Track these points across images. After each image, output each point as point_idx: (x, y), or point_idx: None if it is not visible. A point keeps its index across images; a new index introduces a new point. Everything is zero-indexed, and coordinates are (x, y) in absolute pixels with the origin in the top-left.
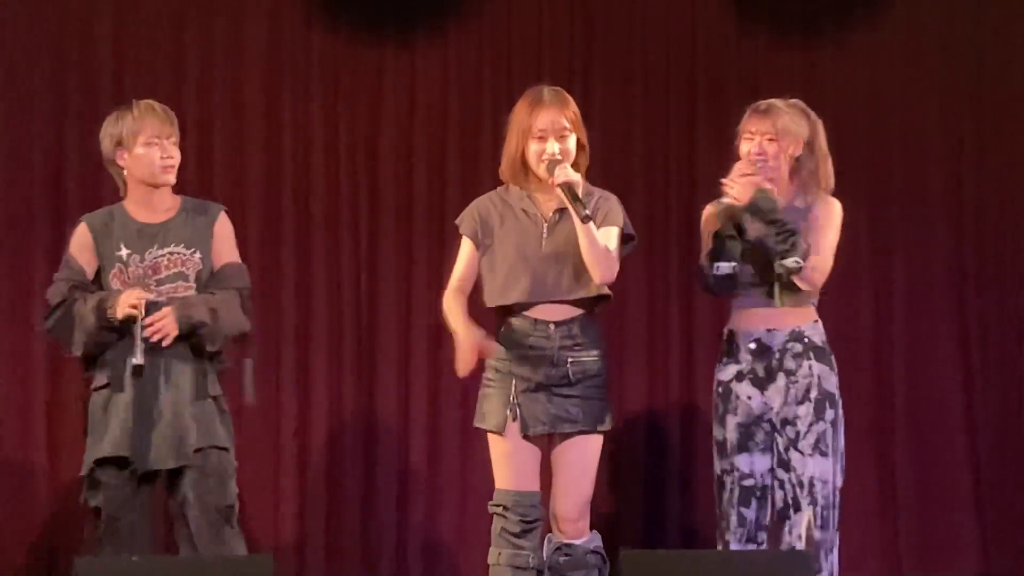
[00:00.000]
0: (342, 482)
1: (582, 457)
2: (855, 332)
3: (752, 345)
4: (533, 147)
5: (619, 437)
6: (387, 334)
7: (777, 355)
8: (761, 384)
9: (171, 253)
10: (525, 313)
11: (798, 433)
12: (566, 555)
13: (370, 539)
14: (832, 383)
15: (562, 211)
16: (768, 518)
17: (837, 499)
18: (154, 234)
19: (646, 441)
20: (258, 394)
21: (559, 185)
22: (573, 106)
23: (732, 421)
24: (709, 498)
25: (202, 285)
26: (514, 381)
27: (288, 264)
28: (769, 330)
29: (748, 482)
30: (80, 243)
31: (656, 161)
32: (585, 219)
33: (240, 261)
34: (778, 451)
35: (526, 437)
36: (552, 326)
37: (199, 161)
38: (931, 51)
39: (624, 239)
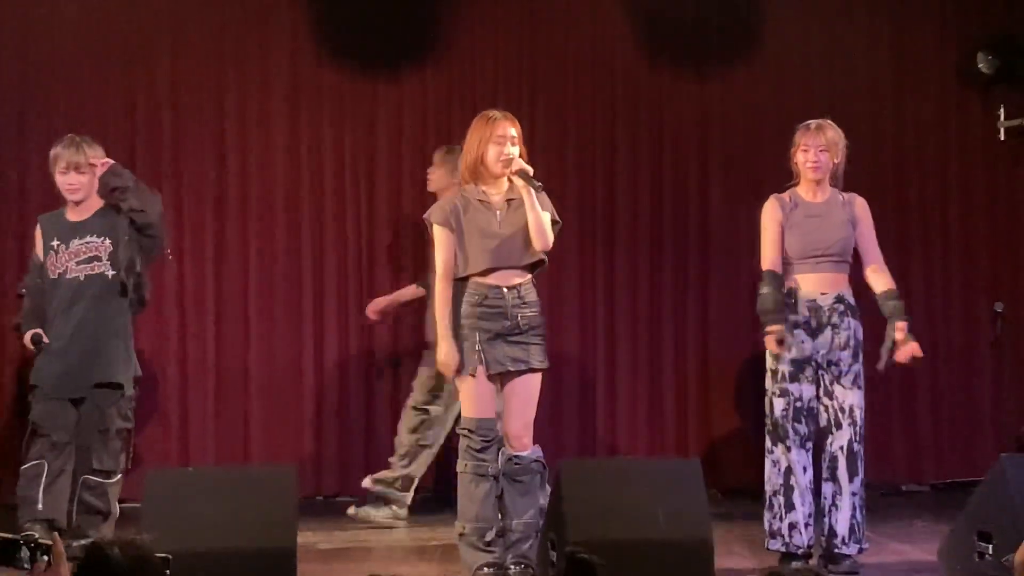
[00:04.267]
0: (349, 409)
1: (527, 389)
2: None
3: (809, 303)
4: (492, 150)
5: (556, 371)
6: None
7: (827, 313)
8: (813, 333)
9: (89, 242)
10: (485, 280)
11: (840, 372)
12: (515, 464)
13: (371, 455)
14: (861, 334)
15: (511, 200)
16: (812, 433)
17: (864, 421)
18: (76, 229)
19: (578, 373)
20: (281, 339)
21: (517, 172)
22: (518, 124)
23: (786, 357)
24: (630, 420)
25: (115, 259)
26: (478, 334)
27: (307, 249)
28: (823, 293)
29: (798, 404)
30: (36, 240)
31: (585, 168)
32: (539, 189)
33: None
34: (824, 384)
35: (488, 376)
36: (505, 289)
37: (239, 166)
38: (793, 84)
39: (552, 223)
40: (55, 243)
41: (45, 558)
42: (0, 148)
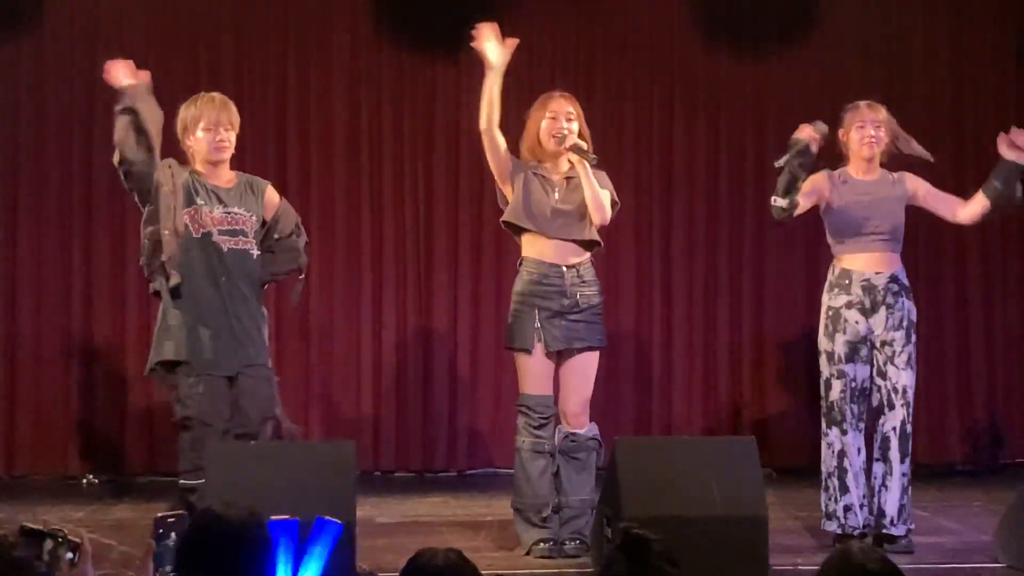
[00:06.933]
0: (407, 387)
1: (585, 367)
2: None
3: (863, 283)
4: (545, 125)
5: (613, 350)
6: (440, 274)
7: (881, 292)
8: (867, 313)
9: (235, 213)
10: (543, 259)
11: (894, 352)
12: (572, 441)
13: (428, 431)
14: (914, 315)
15: (570, 178)
16: (864, 413)
17: (914, 402)
18: (220, 196)
19: (634, 352)
20: (341, 317)
21: (571, 147)
22: (576, 104)
23: (841, 339)
24: (684, 398)
25: (257, 238)
26: (537, 311)
27: (366, 226)
28: (877, 272)
29: (854, 385)
30: (165, 175)
31: (642, 149)
32: (593, 162)
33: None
34: (877, 364)
35: (546, 354)
36: (565, 268)
37: (300, 145)
38: (850, 64)
39: (612, 204)
40: (199, 201)
41: (70, 555)
42: (71, 129)
